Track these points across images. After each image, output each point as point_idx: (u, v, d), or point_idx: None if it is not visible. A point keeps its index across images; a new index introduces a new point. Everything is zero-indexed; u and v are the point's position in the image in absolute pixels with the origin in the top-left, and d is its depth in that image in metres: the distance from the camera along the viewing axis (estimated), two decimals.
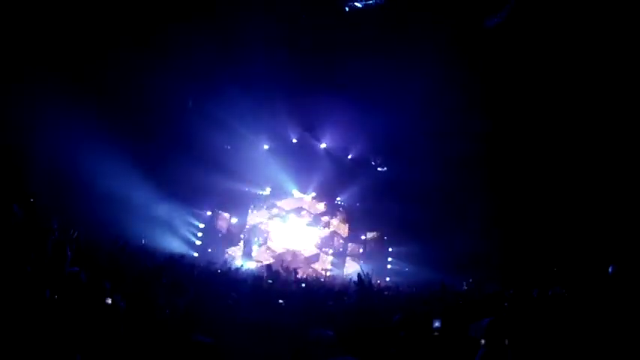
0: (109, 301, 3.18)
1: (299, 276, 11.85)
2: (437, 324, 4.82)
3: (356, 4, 12.58)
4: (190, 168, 17.28)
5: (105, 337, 2.96)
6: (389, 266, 22.21)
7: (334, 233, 22.92)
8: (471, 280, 10.95)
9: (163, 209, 17.53)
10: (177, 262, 8.40)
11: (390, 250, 22.45)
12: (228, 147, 20.80)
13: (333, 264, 22.17)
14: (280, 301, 5.84)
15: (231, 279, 8.91)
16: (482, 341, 4.04)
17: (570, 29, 12.10)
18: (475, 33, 13.93)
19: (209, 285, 7.03)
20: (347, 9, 12.63)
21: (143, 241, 10.15)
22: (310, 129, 21.78)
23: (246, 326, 4.35)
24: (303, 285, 8.20)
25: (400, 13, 14.70)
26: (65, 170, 13.17)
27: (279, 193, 22.79)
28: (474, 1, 13.40)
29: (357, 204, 22.89)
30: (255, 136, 21.11)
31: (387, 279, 20.22)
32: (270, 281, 8.21)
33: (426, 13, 14.53)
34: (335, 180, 22.33)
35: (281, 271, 11.67)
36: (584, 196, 14.12)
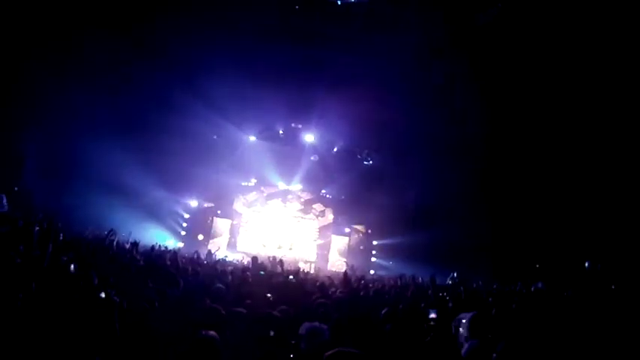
0: (103, 294, 3.14)
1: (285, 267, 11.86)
2: (432, 314, 4.87)
3: None
4: (177, 157, 17.13)
5: (99, 332, 2.93)
6: (373, 259, 22.40)
7: (321, 226, 23.01)
8: (455, 275, 11.09)
9: (149, 199, 17.35)
10: (162, 253, 8.35)
11: (375, 243, 22.62)
12: (215, 137, 20.68)
13: (318, 256, 22.28)
14: (268, 295, 5.83)
15: (217, 271, 8.88)
16: (466, 334, 4.10)
17: (561, 28, 12.24)
18: (465, 30, 14.00)
19: (195, 276, 7.01)
20: (339, 2, 12.56)
21: (130, 234, 10.03)
22: (297, 121, 21.72)
23: (236, 320, 4.34)
24: (291, 277, 8.19)
25: (390, 7, 14.72)
26: (51, 160, 12.97)
27: (264, 184, 22.75)
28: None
29: (342, 197, 22.96)
30: (242, 127, 21.00)
31: (372, 272, 20.38)
32: (261, 272, 8.20)
33: (415, 8, 14.59)
34: (321, 172, 22.38)
35: (267, 263, 11.68)
36: (569, 192, 14.37)
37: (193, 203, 21.46)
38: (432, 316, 4.92)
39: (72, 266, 4.26)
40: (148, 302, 4.14)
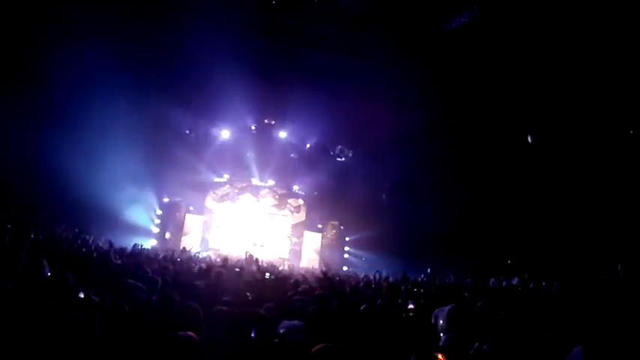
0: (82, 295, 3.06)
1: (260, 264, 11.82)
2: (411, 305, 4.98)
3: None
4: (148, 153, 16.81)
5: (80, 334, 2.87)
6: (346, 255, 22.58)
7: (294, 223, 23.02)
8: (429, 270, 11.29)
9: (121, 197, 16.99)
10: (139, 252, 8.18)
11: (347, 239, 22.79)
12: (187, 131, 20.41)
13: (291, 253, 22.30)
14: (248, 294, 5.81)
15: (193, 268, 8.78)
16: (444, 327, 4.22)
17: (534, 33, 12.56)
18: (433, 34, 14.25)
19: (173, 275, 6.91)
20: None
21: (105, 239, 9.80)
22: (270, 117, 21.64)
23: (216, 319, 4.31)
24: (268, 275, 8.18)
25: (364, 5, 14.79)
26: (20, 161, 12.55)
27: (237, 180, 22.59)
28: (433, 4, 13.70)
29: (315, 193, 23.01)
30: (215, 122, 20.80)
31: (345, 268, 20.54)
32: (237, 270, 8.14)
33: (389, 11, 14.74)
34: (293, 168, 22.39)
35: (242, 261, 11.62)
36: (544, 188, 14.73)
37: (165, 199, 21.10)
38: (411, 306, 5.04)
39: (46, 268, 4.13)
40: (127, 302, 4.07)
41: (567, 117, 13.49)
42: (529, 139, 11.90)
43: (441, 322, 4.36)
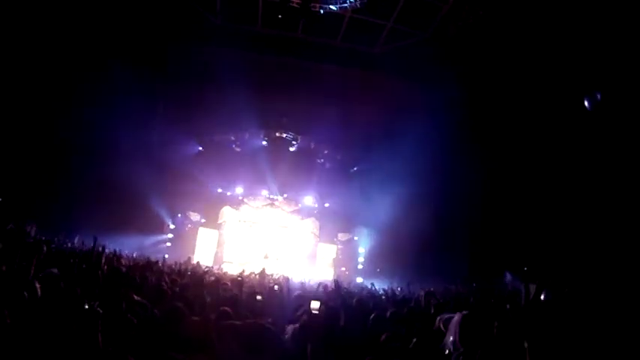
0: (87, 306, 3.08)
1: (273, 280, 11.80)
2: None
3: (331, 6, 12.67)
4: (161, 169, 17.05)
5: (83, 346, 2.87)
6: (360, 267, 22.43)
7: (307, 235, 23.00)
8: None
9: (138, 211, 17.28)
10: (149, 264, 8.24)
11: (361, 250, 22.65)
12: (200, 148, 20.65)
13: (305, 266, 22.21)
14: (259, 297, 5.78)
15: (204, 282, 8.77)
16: (452, 339, 3.92)
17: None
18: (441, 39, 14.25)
19: (182, 289, 6.90)
20: (322, 11, 12.70)
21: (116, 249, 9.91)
22: (282, 130, 21.75)
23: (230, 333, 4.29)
24: (277, 288, 8.14)
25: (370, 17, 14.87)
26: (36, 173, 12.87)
27: (250, 194, 22.70)
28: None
29: (326, 205, 23.01)
30: (228, 137, 21.01)
31: (359, 279, 20.37)
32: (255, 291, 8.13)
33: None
34: (307, 181, 22.41)
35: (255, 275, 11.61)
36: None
37: (179, 215, 21.28)
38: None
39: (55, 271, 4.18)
40: (133, 315, 4.07)
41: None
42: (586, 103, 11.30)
43: (450, 335, 3.98)
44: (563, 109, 12.52)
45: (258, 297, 5.63)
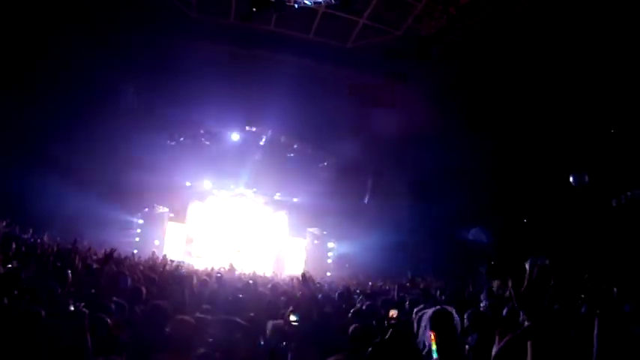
0: (72, 307, 3.03)
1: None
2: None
3: (305, 1, 12.65)
4: (131, 163, 16.70)
5: (72, 345, 2.84)
6: (329, 261, 22.64)
7: (276, 229, 23.01)
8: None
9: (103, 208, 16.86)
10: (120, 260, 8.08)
11: (330, 245, 22.86)
12: (172, 143, 20.28)
13: (274, 261, 22.25)
14: (240, 295, 5.81)
15: (177, 278, 8.70)
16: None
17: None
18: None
19: (159, 284, 6.85)
20: (296, 6, 12.66)
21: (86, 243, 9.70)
22: (252, 124, 21.58)
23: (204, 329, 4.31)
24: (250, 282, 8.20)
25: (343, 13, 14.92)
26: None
27: (219, 187, 22.48)
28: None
29: (295, 200, 23.08)
30: (198, 130, 20.70)
31: (328, 274, 20.58)
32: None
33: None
34: (275, 176, 22.35)
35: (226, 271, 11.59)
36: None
37: (145, 209, 20.87)
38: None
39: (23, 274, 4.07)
40: (112, 314, 4.04)
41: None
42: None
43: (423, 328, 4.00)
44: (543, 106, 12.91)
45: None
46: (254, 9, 11.97)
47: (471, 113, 15.38)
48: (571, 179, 11.05)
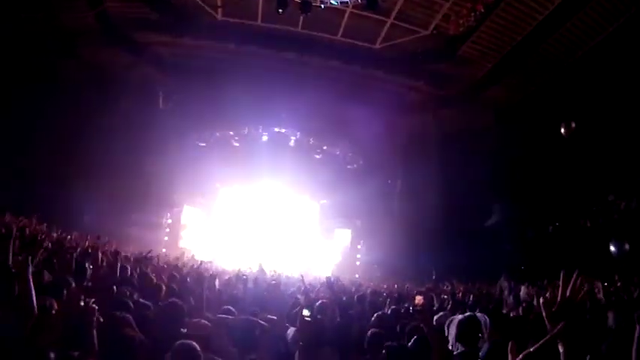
0: (82, 303, 3.01)
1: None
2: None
3: (331, 1, 12.60)
4: (163, 163, 17.10)
5: (76, 341, 2.83)
6: (357, 263, 22.43)
7: (306, 229, 23.00)
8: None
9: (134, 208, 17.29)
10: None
11: (359, 246, 22.64)
12: (202, 144, 20.62)
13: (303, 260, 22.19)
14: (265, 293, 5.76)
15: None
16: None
17: None
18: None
19: (180, 284, 6.86)
20: (322, 6, 12.62)
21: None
22: (280, 125, 21.68)
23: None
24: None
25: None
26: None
27: (248, 189, 22.66)
28: None
29: (323, 201, 23.04)
30: (227, 132, 20.98)
31: (356, 275, 20.37)
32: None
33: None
34: (303, 177, 22.33)
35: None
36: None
37: (175, 208, 21.22)
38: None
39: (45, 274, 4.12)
40: (129, 312, 4.02)
41: None
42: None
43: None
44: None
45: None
46: (280, 10, 11.96)
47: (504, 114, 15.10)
48: (612, 248, 10.66)
